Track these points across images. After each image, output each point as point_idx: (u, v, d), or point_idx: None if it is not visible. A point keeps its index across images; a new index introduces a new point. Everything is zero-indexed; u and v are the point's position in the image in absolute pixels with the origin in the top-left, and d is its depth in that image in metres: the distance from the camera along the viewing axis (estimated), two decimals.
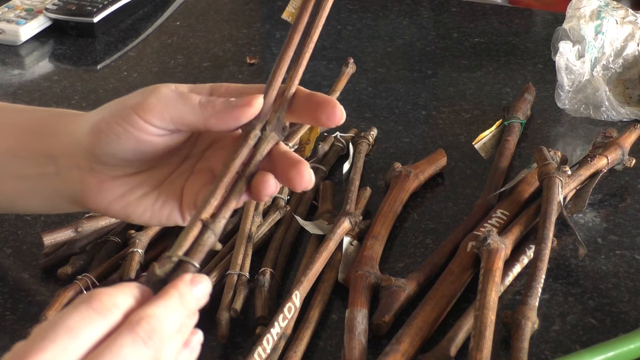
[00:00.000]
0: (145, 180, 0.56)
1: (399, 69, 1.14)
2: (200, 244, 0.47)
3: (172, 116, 0.52)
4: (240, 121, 0.51)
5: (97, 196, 0.55)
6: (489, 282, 0.67)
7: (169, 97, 0.52)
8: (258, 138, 0.51)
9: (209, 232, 0.47)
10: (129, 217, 0.57)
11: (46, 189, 0.57)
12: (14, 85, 1.10)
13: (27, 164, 0.57)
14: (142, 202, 0.56)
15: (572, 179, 0.81)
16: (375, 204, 0.82)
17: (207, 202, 0.48)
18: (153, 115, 0.52)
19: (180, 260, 0.46)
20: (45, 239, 0.74)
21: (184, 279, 0.45)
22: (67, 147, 0.55)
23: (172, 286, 0.45)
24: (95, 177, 0.55)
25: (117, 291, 0.43)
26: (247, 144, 0.51)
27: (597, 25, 1.01)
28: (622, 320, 0.70)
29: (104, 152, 0.54)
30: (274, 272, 0.73)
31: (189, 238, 0.47)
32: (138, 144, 0.53)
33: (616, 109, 0.97)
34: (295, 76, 0.52)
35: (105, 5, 1.21)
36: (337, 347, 0.68)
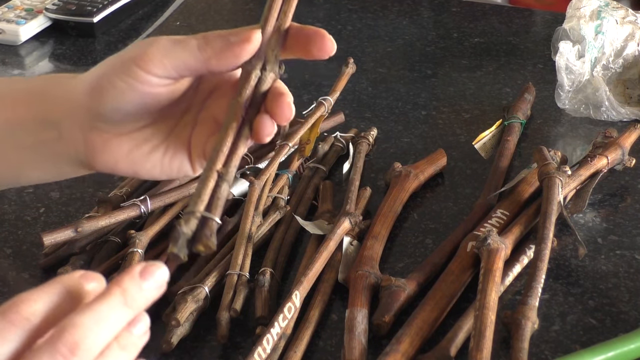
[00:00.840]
0: (150, 135, 0.55)
1: (399, 69, 1.14)
2: (218, 197, 0.47)
3: (173, 63, 0.51)
4: (241, 58, 0.51)
5: (103, 155, 0.55)
6: (489, 282, 0.67)
7: (167, 45, 0.52)
8: (258, 78, 0.51)
9: (225, 183, 0.47)
10: (137, 173, 0.56)
11: (50, 155, 0.57)
12: None
13: (27, 133, 0.56)
14: (150, 157, 0.55)
15: (572, 179, 0.81)
16: (375, 204, 0.82)
17: (220, 151, 0.48)
18: (155, 65, 0.51)
19: (204, 217, 0.46)
20: (45, 239, 0.74)
21: (131, 273, 0.41)
22: (67, 110, 0.55)
23: (115, 283, 0.41)
24: (99, 135, 0.54)
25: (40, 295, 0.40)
26: (249, 85, 0.51)
27: (597, 25, 1.01)
28: (622, 320, 0.70)
29: (107, 108, 0.53)
30: (274, 272, 0.73)
31: (207, 190, 0.47)
32: (141, 97, 0.53)
33: (616, 109, 0.97)
34: (289, 10, 0.52)
35: (105, 5, 1.21)
36: (337, 347, 0.68)
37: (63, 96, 0.55)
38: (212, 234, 0.45)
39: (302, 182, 0.85)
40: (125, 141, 0.55)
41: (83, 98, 0.54)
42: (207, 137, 0.55)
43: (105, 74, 0.53)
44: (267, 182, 0.81)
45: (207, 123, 0.55)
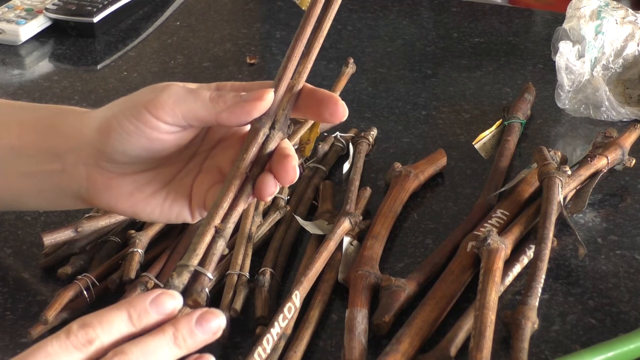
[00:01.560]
0: (153, 179, 0.56)
1: (399, 69, 1.14)
2: (213, 252, 0.47)
3: (184, 112, 0.52)
4: (252, 115, 0.51)
5: (104, 194, 0.55)
6: (489, 282, 0.67)
7: (179, 93, 0.52)
8: (267, 136, 0.52)
9: (221, 239, 0.48)
10: (137, 215, 0.57)
11: (51, 186, 0.57)
12: (14, 85, 1.10)
13: (32, 162, 0.57)
14: (150, 201, 0.56)
15: (572, 179, 0.81)
16: (375, 204, 0.82)
17: (219, 206, 0.49)
18: (165, 112, 0.52)
19: (197, 271, 0.46)
20: (45, 239, 0.74)
21: (190, 317, 0.44)
22: (74, 144, 0.55)
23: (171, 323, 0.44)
24: (102, 174, 0.55)
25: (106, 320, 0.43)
26: (257, 142, 0.51)
27: (597, 25, 1.01)
28: (622, 320, 0.70)
29: (114, 150, 0.54)
30: (274, 272, 0.73)
31: (202, 245, 0.47)
32: (149, 142, 0.53)
33: (616, 109, 0.97)
34: (304, 71, 0.52)
35: (105, 5, 1.21)
36: (337, 347, 0.68)
37: (71, 130, 0.56)
38: (203, 289, 0.46)
39: (302, 182, 0.85)
40: (127, 182, 0.55)
41: (91, 136, 0.54)
42: (209, 187, 0.55)
43: (115, 115, 0.53)
44: None
45: (211, 172, 0.56)
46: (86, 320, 0.43)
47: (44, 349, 0.42)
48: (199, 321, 0.44)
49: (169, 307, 0.44)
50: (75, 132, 0.55)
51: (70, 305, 0.69)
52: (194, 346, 0.44)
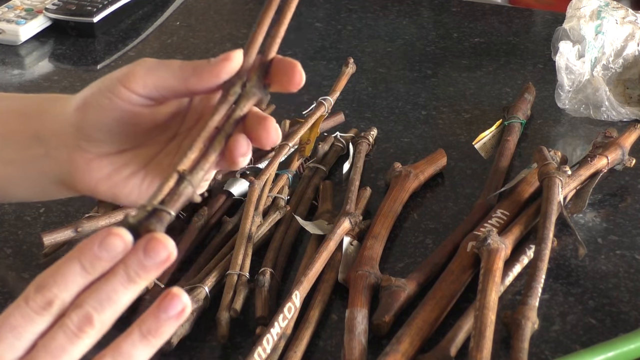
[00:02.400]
0: (132, 159, 0.56)
1: (399, 69, 1.14)
2: (176, 193, 0.45)
3: (155, 82, 0.52)
4: (220, 77, 0.51)
5: (85, 176, 0.56)
6: (489, 282, 0.67)
7: (151, 64, 0.53)
8: (238, 95, 0.50)
9: (186, 182, 0.46)
10: (116, 197, 0.57)
11: (35, 172, 0.57)
12: (14, 85, 1.10)
13: (16, 148, 0.57)
14: (129, 182, 0.56)
15: (572, 179, 0.81)
16: (375, 204, 0.82)
17: (184, 155, 0.47)
18: (137, 84, 0.52)
19: (155, 208, 0.44)
20: (45, 239, 0.74)
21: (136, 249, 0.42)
22: (56, 127, 0.56)
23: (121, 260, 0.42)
24: (82, 155, 0.55)
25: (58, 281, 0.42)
26: (227, 100, 0.50)
27: (597, 25, 1.01)
28: (622, 320, 0.70)
29: (89, 126, 0.54)
30: (274, 272, 0.73)
31: (164, 189, 0.45)
32: (123, 116, 0.53)
33: (616, 109, 0.97)
34: (276, 35, 0.51)
35: (105, 5, 1.21)
36: (337, 347, 0.68)
37: (55, 114, 0.56)
38: (159, 222, 0.44)
39: (302, 182, 0.85)
40: (106, 164, 0.55)
41: (71, 115, 0.55)
42: None
43: (92, 92, 0.54)
44: (267, 182, 0.81)
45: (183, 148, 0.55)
46: (41, 282, 0.42)
47: (8, 322, 0.41)
48: (146, 251, 0.42)
49: (118, 247, 0.42)
50: (58, 115, 0.56)
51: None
52: (149, 277, 0.42)
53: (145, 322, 0.42)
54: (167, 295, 0.42)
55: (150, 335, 0.42)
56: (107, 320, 0.42)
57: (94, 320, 0.42)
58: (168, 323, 0.42)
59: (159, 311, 0.42)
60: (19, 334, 0.41)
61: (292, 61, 0.51)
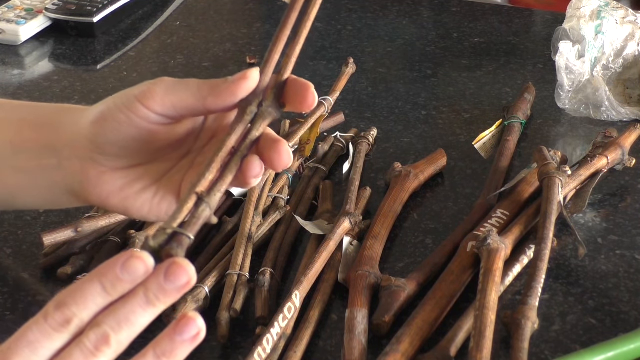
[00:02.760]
0: (144, 174, 0.56)
1: (399, 69, 1.14)
2: (195, 216, 0.46)
3: (173, 101, 0.52)
4: (237, 95, 0.51)
5: (96, 188, 0.56)
6: (489, 282, 0.67)
7: (169, 84, 0.53)
8: (254, 114, 0.51)
9: (204, 205, 0.47)
10: (127, 210, 0.57)
11: (47, 182, 0.57)
12: (14, 85, 1.10)
13: (29, 157, 0.57)
14: (140, 196, 0.56)
15: (572, 179, 0.81)
16: (375, 204, 0.82)
17: (202, 176, 0.48)
18: (155, 102, 0.52)
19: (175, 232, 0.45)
20: (45, 239, 0.74)
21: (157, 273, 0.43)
22: (70, 138, 0.56)
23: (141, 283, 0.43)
24: (95, 168, 0.55)
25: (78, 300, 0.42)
26: (243, 120, 0.51)
27: (597, 25, 1.01)
28: (622, 320, 0.70)
29: (105, 141, 0.54)
30: (274, 272, 0.73)
31: (183, 211, 0.46)
32: (140, 133, 0.54)
33: (616, 109, 0.97)
34: (292, 54, 0.52)
35: (105, 5, 1.21)
36: (337, 347, 0.68)
37: (69, 125, 0.56)
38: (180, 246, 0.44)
39: (302, 182, 0.85)
40: (118, 177, 0.56)
41: (87, 128, 0.55)
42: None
43: (109, 107, 0.54)
44: (267, 182, 0.81)
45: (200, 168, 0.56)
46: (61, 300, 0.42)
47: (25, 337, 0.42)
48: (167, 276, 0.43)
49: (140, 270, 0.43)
50: (72, 127, 0.56)
51: None
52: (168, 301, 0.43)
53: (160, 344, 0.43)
54: (183, 318, 0.43)
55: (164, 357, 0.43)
56: (124, 341, 0.43)
57: (110, 340, 0.42)
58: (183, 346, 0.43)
59: (175, 334, 0.43)
60: (36, 349, 0.42)
61: (306, 83, 0.52)
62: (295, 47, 0.52)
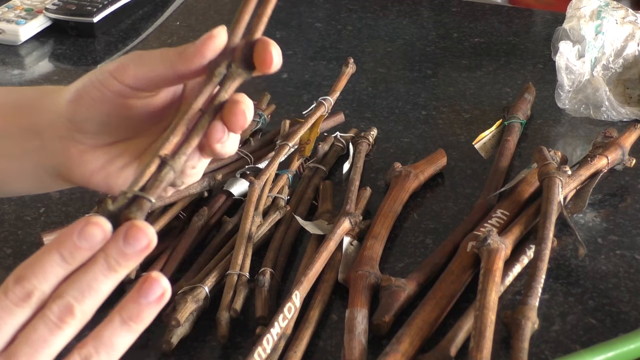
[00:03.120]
0: (125, 150, 0.56)
1: (399, 69, 1.14)
2: (157, 179, 0.45)
3: (145, 72, 0.52)
4: (205, 55, 0.50)
5: (79, 167, 0.56)
6: (489, 282, 0.67)
7: (140, 55, 0.53)
8: (223, 75, 0.49)
9: (167, 167, 0.45)
10: (110, 188, 0.57)
11: (32, 165, 0.57)
12: (14, 85, 1.10)
13: (13, 142, 0.57)
14: (123, 172, 0.56)
15: (572, 179, 0.81)
16: (375, 204, 0.82)
17: (166, 139, 0.47)
18: (128, 75, 0.52)
19: (135, 195, 0.43)
20: (45, 239, 0.74)
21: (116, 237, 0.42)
22: (50, 119, 0.56)
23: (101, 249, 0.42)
24: (75, 147, 0.55)
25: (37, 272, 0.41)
26: (212, 81, 0.49)
27: (597, 25, 1.01)
28: (622, 320, 0.70)
29: (82, 118, 0.54)
30: (274, 272, 0.73)
31: (145, 174, 0.45)
32: (116, 108, 0.53)
33: (616, 109, 0.97)
34: (264, 13, 0.50)
35: (105, 5, 1.21)
36: (337, 347, 0.68)
37: (49, 106, 0.56)
38: (139, 210, 0.43)
39: (302, 182, 0.85)
40: (100, 154, 0.55)
41: (64, 107, 0.55)
42: None
43: (84, 84, 0.54)
44: (267, 182, 0.81)
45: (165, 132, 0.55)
46: (20, 273, 0.41)
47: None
48: (126, 239, 0.41)
49: (98, 236, 0.41)
50: (52, 107, 0.56)
51: None
52: (130, 264, 0.42)
53: (125, 308, 0.42)
54: (147, 280, 0.42)
55: (131, 321, 0.42)
56: (88, 310, 0.42)
57: (74, 310, 0.41)
58: (149, 308, 0.42)
59: (139, 296, 0.42)
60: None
61: (267, 40, 0.50)
62: (267, 7, 0.50)
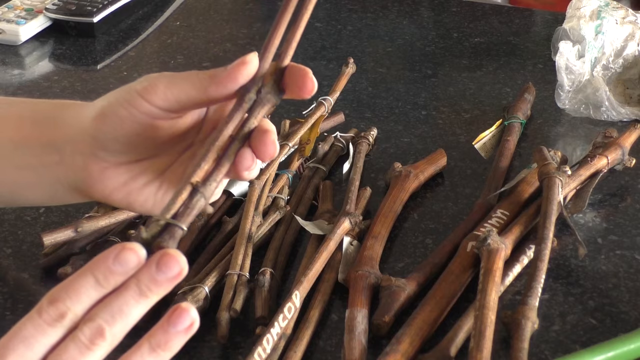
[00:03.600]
0: (147, 168, 0.56)
1: (399, 69, 1.14)
2: (189, 207, 0.46)
3: (175, 94, 0.52)
4: (237, 81, 0.51)
5: (100, 184, 0.56)
6: (489, 282, 0.67)
7: (170, 77, 0.53)
8: (253, 101, 0.50)
9: (199, 195, 0.46)
10: (131, 205, 0.57)
11: (49, 178, 0.57)
12: (14, 85, 1.10)
13: (30, 154, 0.57)
14: (144, 191, 0.56)
15: (572, 179, 0.81)
16: (375, 204, 0.82)
17: (198, 166, 0.47)
18: (157, 96, 0.52)
19: (168, 223, 0.44)
20: (45, 239, 0.74)
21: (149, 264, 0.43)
22: (71, 134, 0.56)
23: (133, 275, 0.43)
24: (97, 164, 0.55)
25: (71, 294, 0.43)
26: (242, 107, 0.50)
27: (597, 25, 1.01)
28: (622, 320, 0.70)
29: (107, 137, 0.54)
30: (274, 272, 0.73)
31: (177, 201, 0.46)
32: (142, 128, 0.53)
33: (616, 109, 0.97)
34: (293, 39, 0.50)
35: (105, 5, 1.21)
36: (337, 347, 0.68)
37: (69, 121, 0.56)
38: (172, 238, 0.44)
39: (302, 182, 0.85)
40: (122, 172, 0.55)
41: (88, 124, 0.55)
42: None
43: (110, 102, 0.54)
44: (267, 182, 0.81)
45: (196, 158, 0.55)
46: (55, 295, 0.42)
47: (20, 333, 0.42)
48: (159, 267, 0.43)
49: (132, 262, 0.43)
50: (73, 123, 0.56)
51: None
52: (161, 291, 0.43)
53: (154, 336, 0.43)
54: (176, 309, 0.43)
55: (159, 348, 0.43)
56: (119, 333, 0.43)
57: (105, 332, 0.42)
58: (177, 337, 0.43)
59: (169, 325, 0.43)
60: (31, 345, 0.42)
61: (304, 68, 0.51)
62: (296, 32, 0.50)
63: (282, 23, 0.50)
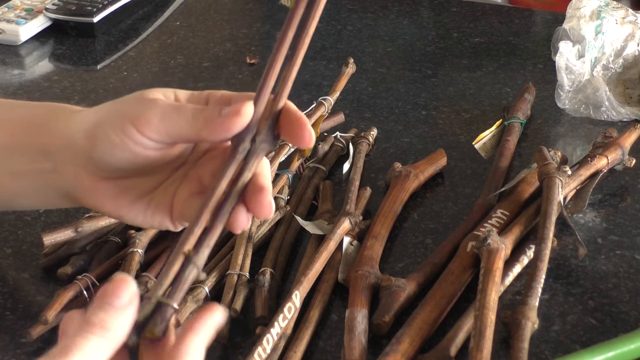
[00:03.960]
0: (137, 185, 0.56)
1: (399, 69, 1.14)
2: (181, 280, 0.45)
3: (168, 130, 0.51)
4: (231, 132, 0.50)
5: (91, 194, 0.55)
6: (489, 282, 0.67)
7: (165, 110, 0.52)
8: (247, 151, 0.49)
9: (191, 266, 0.45)
10: (122, 217, 0.57)
11: (43, 185, 0.57)
12: (14, 85, 1.10)
13: (24, 161, 0.57)
14: (133, 207, 0.56)
15: (572, 179, 0.81)
16: (375, 204, 0.82)
17: (191, 232, 0.46)
18: (151, 130, 0.51)
19: (159, 302, 0.44)
20: (45, 239, 0.74)
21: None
22: (63, 143, 0.55)
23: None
24: (87, 176, 0.55)
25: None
26: (235, 159, 0.49)
27: (597, 25, 1.01)
28: (622, 320, 0.70)
29: (98, 157, 0.54)
30: (274, 272, 0.73)
31: (170, 274, 0.45)
32: (133, 156, 0.53)
33: (616, 109, 0.97)
34: (289, 78, 0.49)
35: (105, 5, 1.21)
36: (337, 347, 0.68)
37: (62, 130, 0.56)
38: (164, 321, 0.44)
39: (302, 182, 0.85)
40: (111, 186, 0.55)
41: (80, 138, 0.54)
42: (188, 196, 0.54)
43: (102, 123, 0.53)
44: None
45: (191, 181, 0.55)
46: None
47: None
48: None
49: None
50: (66, 132, 0.55)
51: (70, 305, 0.69)
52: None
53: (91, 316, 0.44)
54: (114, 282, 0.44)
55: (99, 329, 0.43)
56: None
57: None
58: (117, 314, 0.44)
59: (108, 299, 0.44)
60: None
61: (301, 118, 0.50)
62: (292, 70, 0.49)
63: (277, 62, 0.49)
